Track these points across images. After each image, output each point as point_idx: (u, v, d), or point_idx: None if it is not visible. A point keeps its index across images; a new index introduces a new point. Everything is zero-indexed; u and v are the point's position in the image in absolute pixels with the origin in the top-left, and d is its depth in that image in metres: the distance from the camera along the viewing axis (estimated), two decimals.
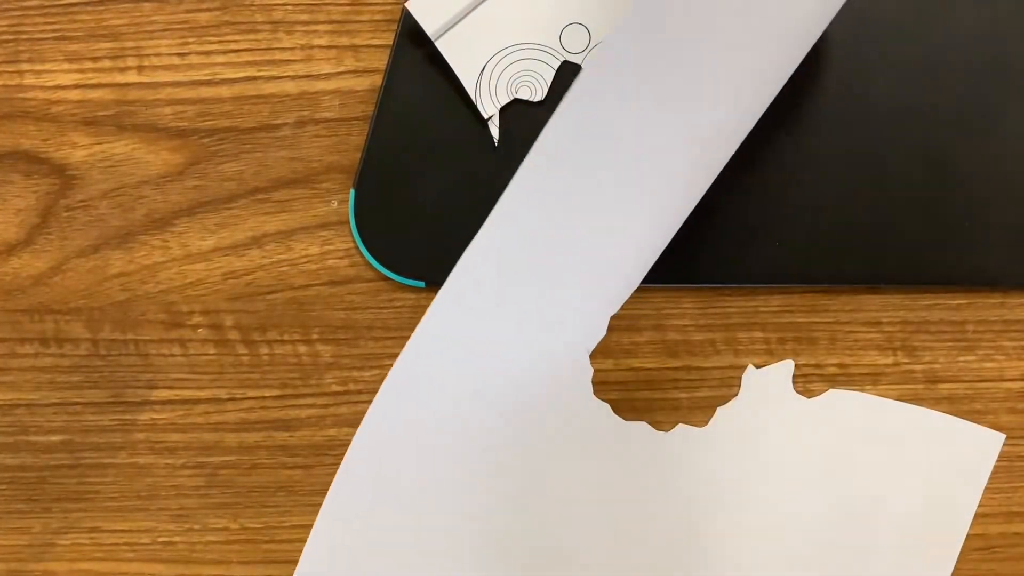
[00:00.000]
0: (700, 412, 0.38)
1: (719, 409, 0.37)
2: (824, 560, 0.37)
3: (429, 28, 0.37)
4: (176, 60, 0.38)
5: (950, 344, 0.38)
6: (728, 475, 0.37)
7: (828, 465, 0.37)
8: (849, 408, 0.37)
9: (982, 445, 0.37)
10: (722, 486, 0.37)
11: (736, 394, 0.37)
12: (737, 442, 0.37)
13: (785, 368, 0.37)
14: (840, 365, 0.38)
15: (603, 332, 0.35)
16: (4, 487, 0.38)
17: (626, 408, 0.37)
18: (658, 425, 0.36)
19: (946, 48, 0.38)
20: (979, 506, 0.38)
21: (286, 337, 0.38)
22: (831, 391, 0.37)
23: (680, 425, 0.37)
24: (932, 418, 0.37)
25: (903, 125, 0.38)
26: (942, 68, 0.38)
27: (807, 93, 0.38)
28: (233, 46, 0.38)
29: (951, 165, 0.38)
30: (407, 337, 0.33)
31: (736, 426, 0.37)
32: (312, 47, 0.38)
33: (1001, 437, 0.37)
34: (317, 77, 0.38)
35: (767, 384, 0.37)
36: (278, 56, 0.38)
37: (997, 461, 0.38)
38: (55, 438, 0.38)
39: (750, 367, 0.37)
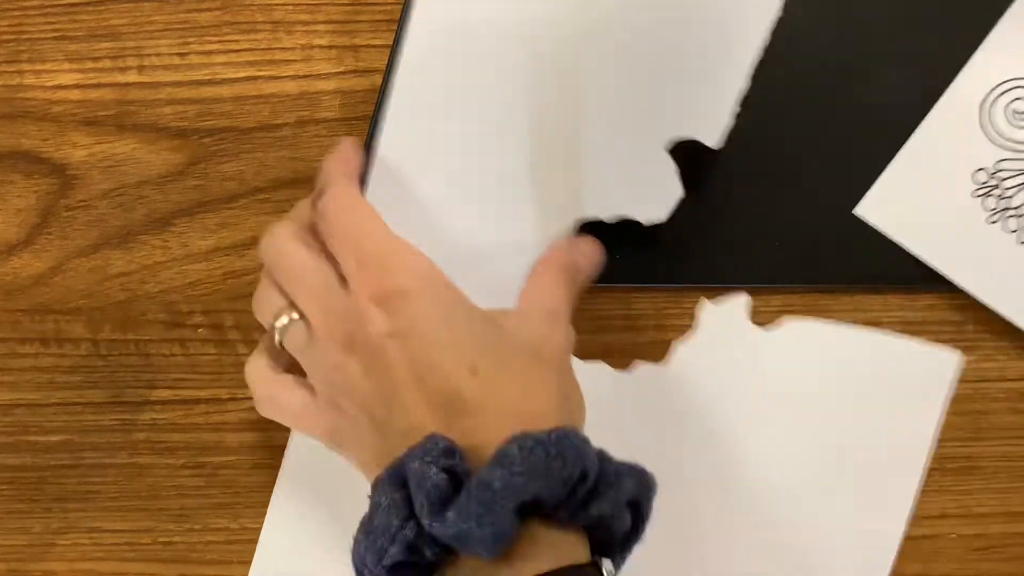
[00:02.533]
0: None
1: (677, 345, 0.37)
2: (793, 488, 0.37)
3: None
4: (176, 60, 0.38)
5: (950, 344, 0.38)
6: (690, 409, 0.37)
7: (788, 392, 0.37)
8: (806, 335, 0.37)
9: (939, 364, 0.37)
10: (684, 421, 0.37)
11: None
12: (698, 377, 0.37)
13: (741, 300, 0.37)
14: None
15: None
16: (4, 487, 0.38)
17: None
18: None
19: (945, 48, 0.38)
20: (979, 506, 0.38)
21: None
22: (785, 319, 0.37)
23: (638, 362, 0.36)
24: (889, 340, 0.37)
25: (903, 125, 0.37)
26: (942, 68, 0.38)
27: (806, 93, 0.38)
28: (233, 46, 0.38)
29: None
30: None
31: (696, 361, 0.37)
32: (312, 47, 0.38)
33: (957, 354, 0.37)
34: (317, 77, 0.38)
35: (724, 317, 0.37)
36: (278, 56, 0.38)
37: (996, 461, 0.38)
38: (55, 438, 0.38)
39: (704, 301, 0.37)
